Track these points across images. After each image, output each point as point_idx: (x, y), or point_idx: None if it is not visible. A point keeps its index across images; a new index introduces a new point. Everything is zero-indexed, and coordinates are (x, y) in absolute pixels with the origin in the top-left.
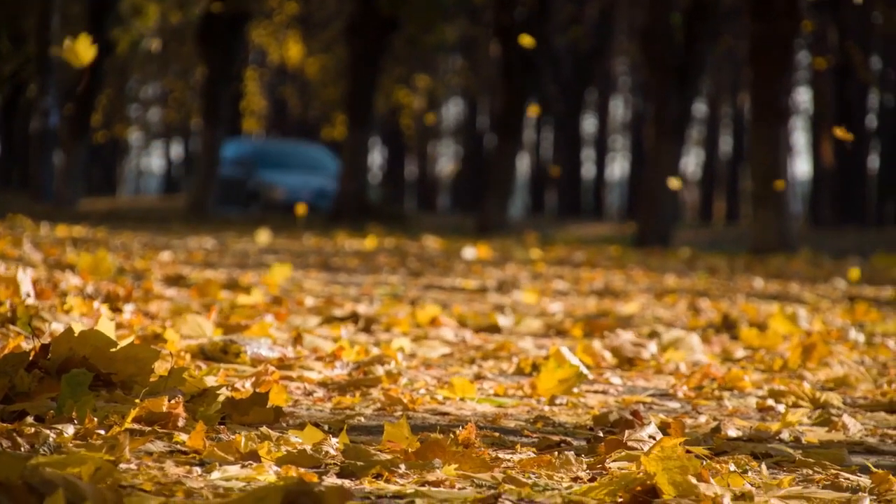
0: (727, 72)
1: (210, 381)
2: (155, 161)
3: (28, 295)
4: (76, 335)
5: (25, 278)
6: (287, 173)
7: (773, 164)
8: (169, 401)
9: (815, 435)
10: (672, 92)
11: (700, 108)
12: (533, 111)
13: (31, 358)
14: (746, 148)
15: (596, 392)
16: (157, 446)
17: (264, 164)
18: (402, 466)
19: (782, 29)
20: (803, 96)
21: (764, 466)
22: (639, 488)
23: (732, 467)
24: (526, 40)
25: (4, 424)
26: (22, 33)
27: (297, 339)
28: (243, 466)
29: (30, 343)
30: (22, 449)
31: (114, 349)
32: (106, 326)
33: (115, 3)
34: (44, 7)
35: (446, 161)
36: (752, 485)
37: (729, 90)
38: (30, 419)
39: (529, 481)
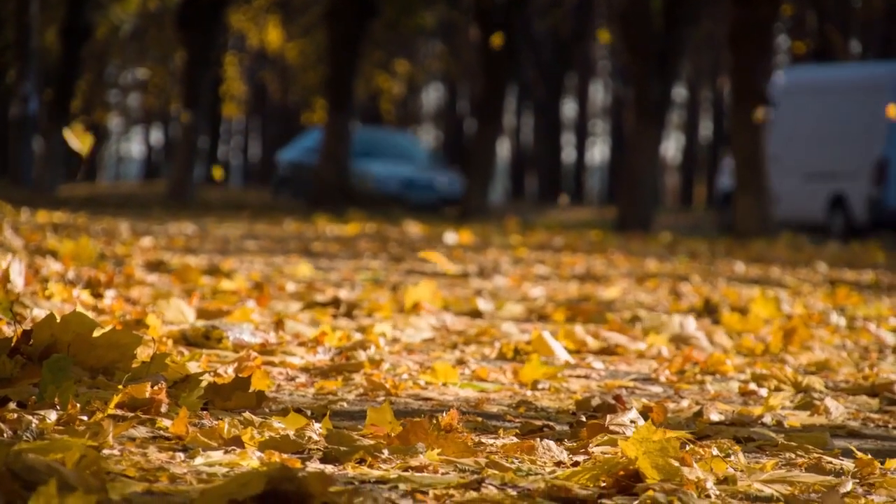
0: (707, 56)
1: (192, 366)
2: (135, 147)
3: (14, 284)
4: (58, 321)
5: (19, 268)
6: (375, 162)
7: (754, 149)
8: (151, 387)
9: (798, 419)
10: (652, 76)
11: (680, 92)
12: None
13: (12, 344)
14: (727, 132)
15: (578, 377)
16: (140, 432)
17: (357, 152)
18: (385, 451)
19: (762, 13)
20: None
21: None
22: (622, 472)
23: (715, 451)
24: (496, 40)
25: None
26: (1, 19)
27: (278, 325)
28: (226, 452)
29: (11, 329)
30: (5, 435)
31: (96, 335)
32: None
33: None
34: None
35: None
36: (735, 469)
37: (708, 74)
38: (12, 405)
39: (513, 466)
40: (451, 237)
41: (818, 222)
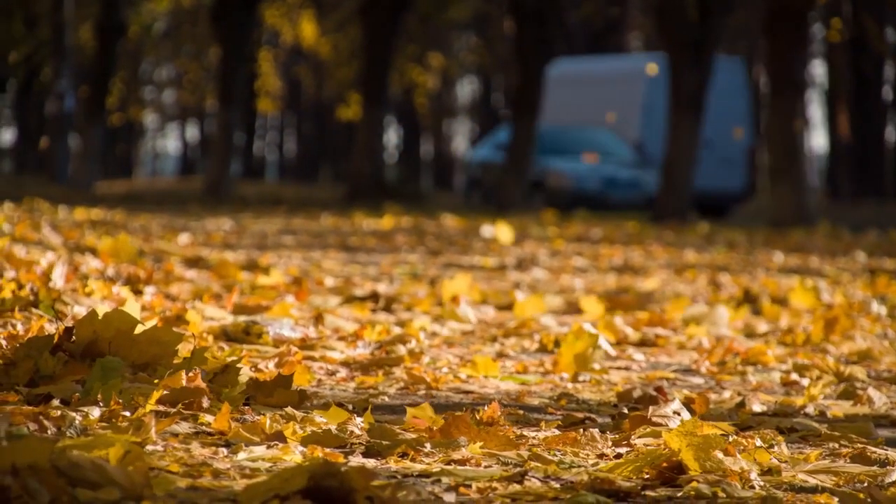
0: (742, 45)
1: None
2: (171, 143)
3: (55, 283)
4: (100, 318)
5: (61, 270)
6: (573, 160)
7: (791, 138)
8: (192, 382)
9: (840, 409)
10: (687, 66)
11: None
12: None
13: (55, 341)
14: (762, 122)
15: (619, 369)
16: (183, 427)
17: (547, 149)
18: (428, 445)
19: (797, 1)
20: (818, 69)
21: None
22: (665, 464)
23: (758, 442)
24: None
25: (30, 408)
26: (35, 16)
27: (318, 320)
28: (269, 447)
29: (53, 326)
30: (49, 432)
31: (137, 332)
32: (131, 309)
33: None
34: None
35: (461, 139)
36: (778, 459)
37: (744, 64)
38: (55, 402)
39: (555, 458)
40: (488, 230)
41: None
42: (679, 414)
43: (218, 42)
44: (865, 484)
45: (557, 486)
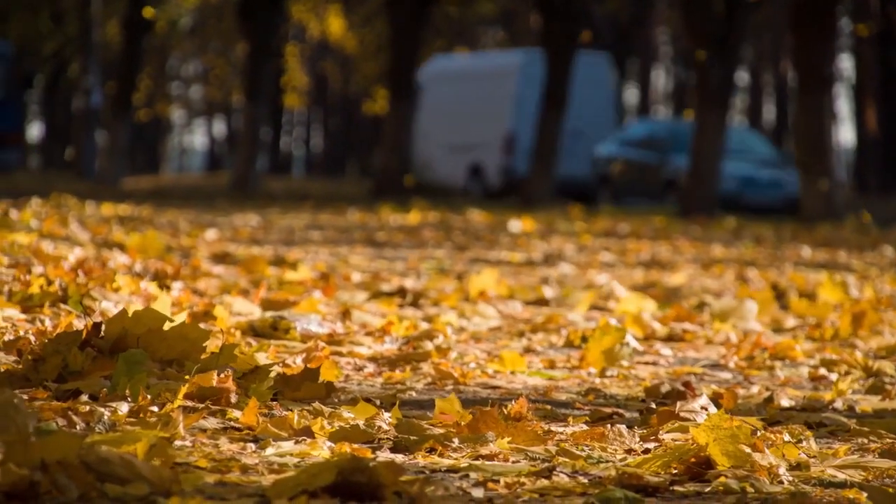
0: (769, 39)
1: (261, 357)
2: (198, 138)
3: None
4: (130, 315)
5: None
6: None
7: (819, 132)
8: (218, 374)
9: (869, 404)
10: (714, 60)
11: (742, 76)
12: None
13: (83, 337)
14: (790, 116)
15: (646, 364)
16: (211, 423)
17: (682, 147)
18: (456, 440)
19: None
20: (846, 63)
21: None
22: (693, 459)
23: (787, 437)
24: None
25: (59, 403)
26: (62, 12)
27: (345, 315)
28: (297, 442)
29: (81, 322)
30: (77, 427)
31: (166, 328)
32: (163, 305)
33: None
34: None
35: None
36: (807, 454)
37: (771, 58)
38: (84, 398)
39: (583, 454)
40: (515, 225)
41: (459, 187)
42: (707, 409)
43: (245, 37)
44: (894, 479)
45: (585, 481)
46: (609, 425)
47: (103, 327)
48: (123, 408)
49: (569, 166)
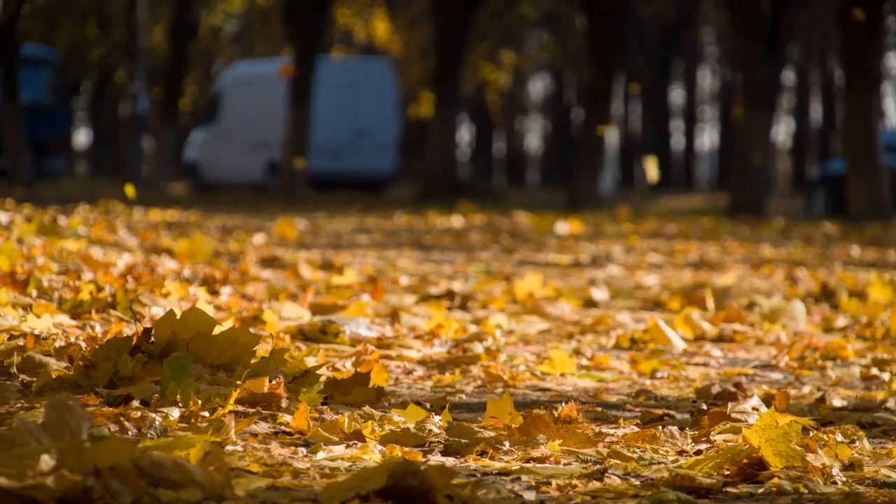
0: (815, 38)
1: (310, 361)
2: None
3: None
4: (178, 318)
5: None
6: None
7: (867, 132)
8: (270, 381)
9: None
10: (760, 60)
11: (789, 76)
12: (634, 90)
13: (133, 342)
14: (837, 116)
15: (696, 365)
16: (262, 427)
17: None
18: (506, 443)
19: None
20: (893, 62)
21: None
22: (745, 460)
23: (839, 437)
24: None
25: (111, 409)
26: (109, 19)
27: (394, 318)
28: (348, 446)
29: (131, 328)
30: (129, 433)
31: (215, 332)
32: (202, 308)
33: None
34: None
35: (534, 136)
36: (860, 454)
37: (817, 57)
38: (135, 403)
39: (635, 455)
40: (562, 227)
41: (258, 183)
42: (758, 410)
43: (290, 42)
44: None
45: (637, 483)
46: (660, 427)
47: (153, 332)
48: (175, 413)
49: (356, 162)
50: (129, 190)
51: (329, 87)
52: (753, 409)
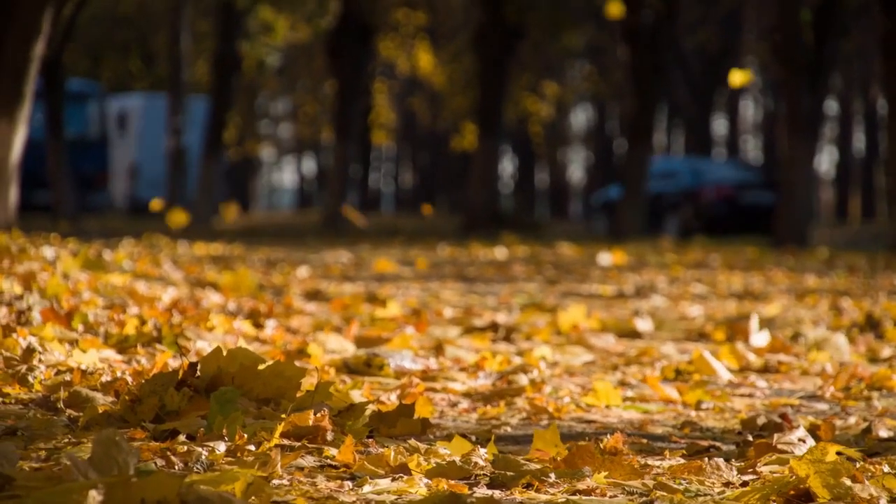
0: (857, 68)
1: (355, 394)
2: (286, 176)
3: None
4: (224, 354)
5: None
6: None
7: None
8: (315, 414)
9: None
10: (803, 90)
11: (832, 105)
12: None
13: (179, 377)
14: (880, 145)
15: (742, 395)
16: (308, 461)
17: None
18: (552, 475)
19: None
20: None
21: None
22: (792, 492)
23: (886, 468)
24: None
25: (157, 443)
26: (153, 53)
27: (438, 351)
28: (394, 480)
29: (177, 361)
30: (176, 467)
31: (261, 367)
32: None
33: (243, 20)
34: (173, 26)
35: (576, 168)
36: None
37: (859, 86)
38: (181, 437)
39: (681, 487)
40: (605, 258)
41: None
42: (804, 441)
43: (333, 75)
44: None
45: None
46: (706, 458)
47: (199, 367)
48: (221, 447)
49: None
50: (177, 217)
51: (152, 121)
52: (799, 440)
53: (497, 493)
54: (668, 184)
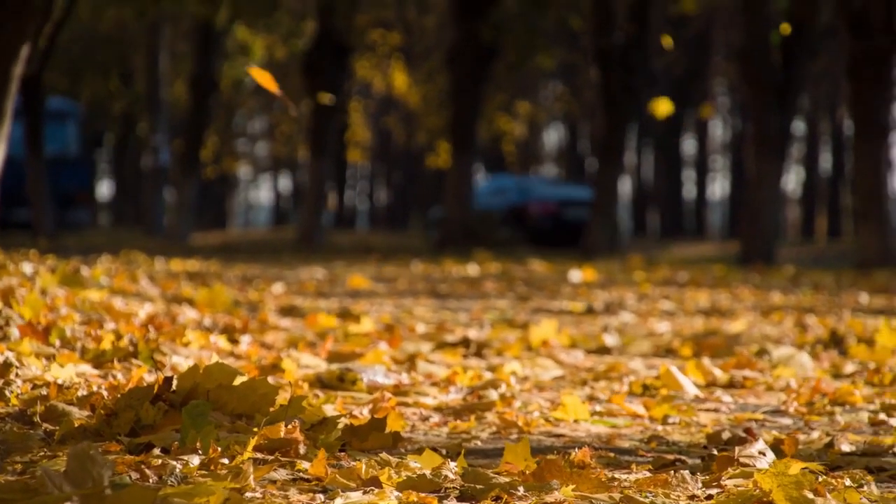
0: (825, 89)
1: (328, 408)
2: (263, 193)
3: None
4: (201, 371)
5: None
6: None
7: (876, 180)
8: (287, 426)
9: None
10: (771, 111)
11: (799, 125)
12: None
13: (154, 391)
14: (846, 165)
15: (708, 410)
16: (281, 474)
17: None
18: (521, 489)
19: (880, 45)
20: None
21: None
22: None
23: (848, 482)
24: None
25: (132, 457)
26: (131, 72)
27: (410, 366)
28: (365, 493)
29: (152, 376)
30: (150, 480)
31: (236, 382)
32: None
33: (221, 40)
34: (151, 46)
35: None
36: (868, 499)
37: (827, 107)
38: (156, 451)
39: (647, 500)
40: (575, 275)
41: None
42: (764, 454)
43: (310, 94)
44: None
45: None
46: (672, 472)
47: (175, 381)
48: (195, 460)
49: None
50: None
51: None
52: (760, 452)
53: None
54: (498, 200)
